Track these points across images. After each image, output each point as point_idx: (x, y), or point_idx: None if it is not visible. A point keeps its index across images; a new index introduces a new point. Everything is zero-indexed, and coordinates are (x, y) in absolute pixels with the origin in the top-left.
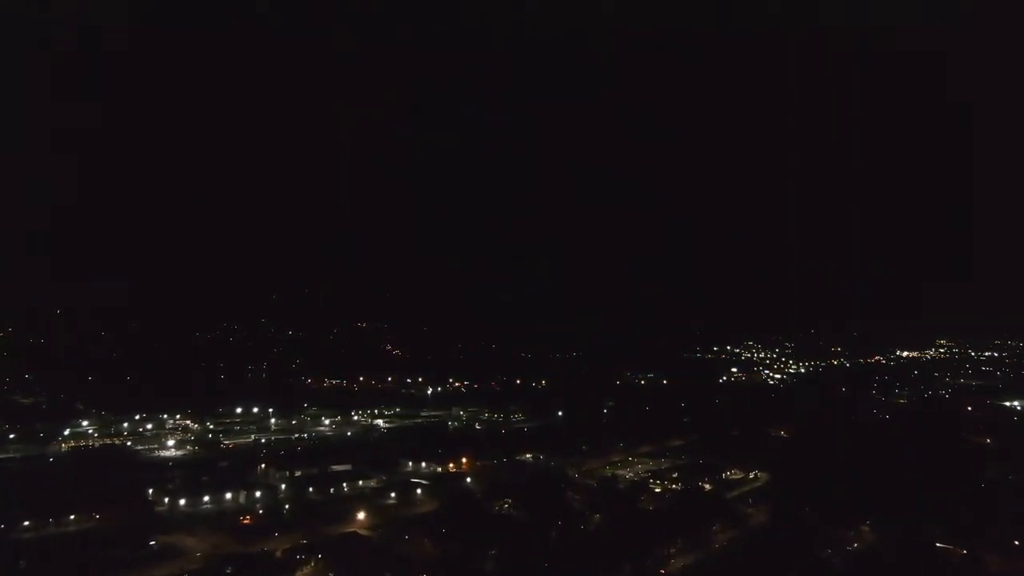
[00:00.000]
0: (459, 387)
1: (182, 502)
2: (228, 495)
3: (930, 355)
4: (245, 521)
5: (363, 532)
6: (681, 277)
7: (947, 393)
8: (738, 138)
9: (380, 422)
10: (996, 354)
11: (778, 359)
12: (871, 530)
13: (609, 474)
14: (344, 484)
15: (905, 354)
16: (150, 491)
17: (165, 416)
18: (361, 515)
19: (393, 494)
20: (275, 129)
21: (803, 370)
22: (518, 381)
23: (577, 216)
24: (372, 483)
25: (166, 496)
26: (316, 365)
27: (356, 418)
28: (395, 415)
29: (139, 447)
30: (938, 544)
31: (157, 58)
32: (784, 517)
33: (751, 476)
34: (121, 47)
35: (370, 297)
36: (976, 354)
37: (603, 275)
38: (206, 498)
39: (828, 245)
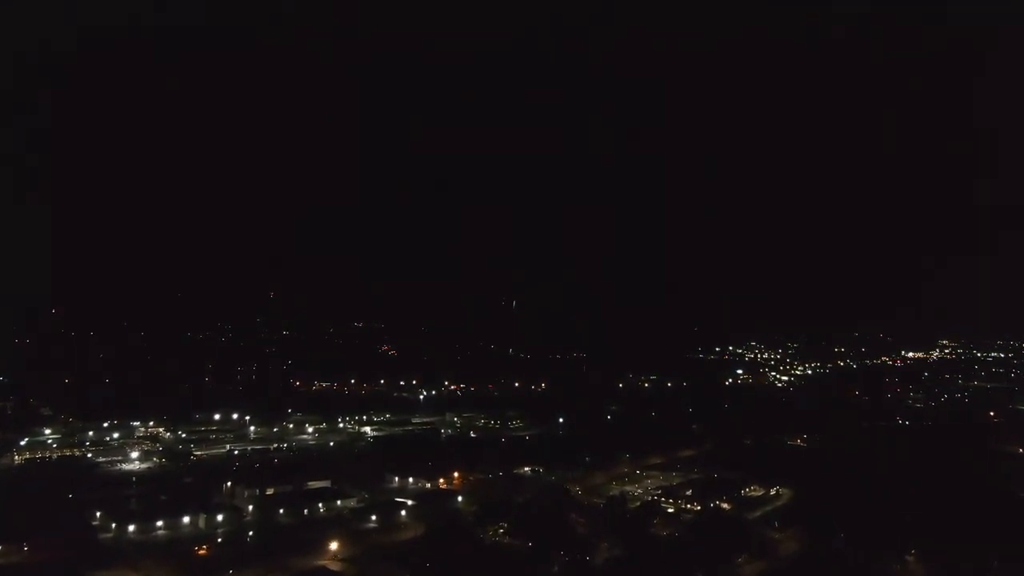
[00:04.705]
0: (454, 390)
1: (131, 528)
2: (186, 519)
3: (935, 356)
4: (201, 552)
5: (333, 566)
6: (682, 277)
7: (965, 396)
8: (740, 139)
9: (367, 430)
10: (1002, 355)
11: (783, 360)
12: (918, 561)
13: (616, 492)
14: (320, 504)
15: (911, 355)
16: (98, 514)
17: (137, 423)
18: (334, 544)
19: (374, 517)
20: (272, 128)
21: (810, 371)
22: (516, 384)
23: (577, 216)
24: (351, 503)
25: (114, 520)
26: (307, 366)
27: (342, 425)
28: (384, 422)
29: (100, 459)
30: None
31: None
32: (817, 546)
33: (772, 493)
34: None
35: (367, 296)
36: (982, 355)
37: (604, 275)
38: (160, 523)
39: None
